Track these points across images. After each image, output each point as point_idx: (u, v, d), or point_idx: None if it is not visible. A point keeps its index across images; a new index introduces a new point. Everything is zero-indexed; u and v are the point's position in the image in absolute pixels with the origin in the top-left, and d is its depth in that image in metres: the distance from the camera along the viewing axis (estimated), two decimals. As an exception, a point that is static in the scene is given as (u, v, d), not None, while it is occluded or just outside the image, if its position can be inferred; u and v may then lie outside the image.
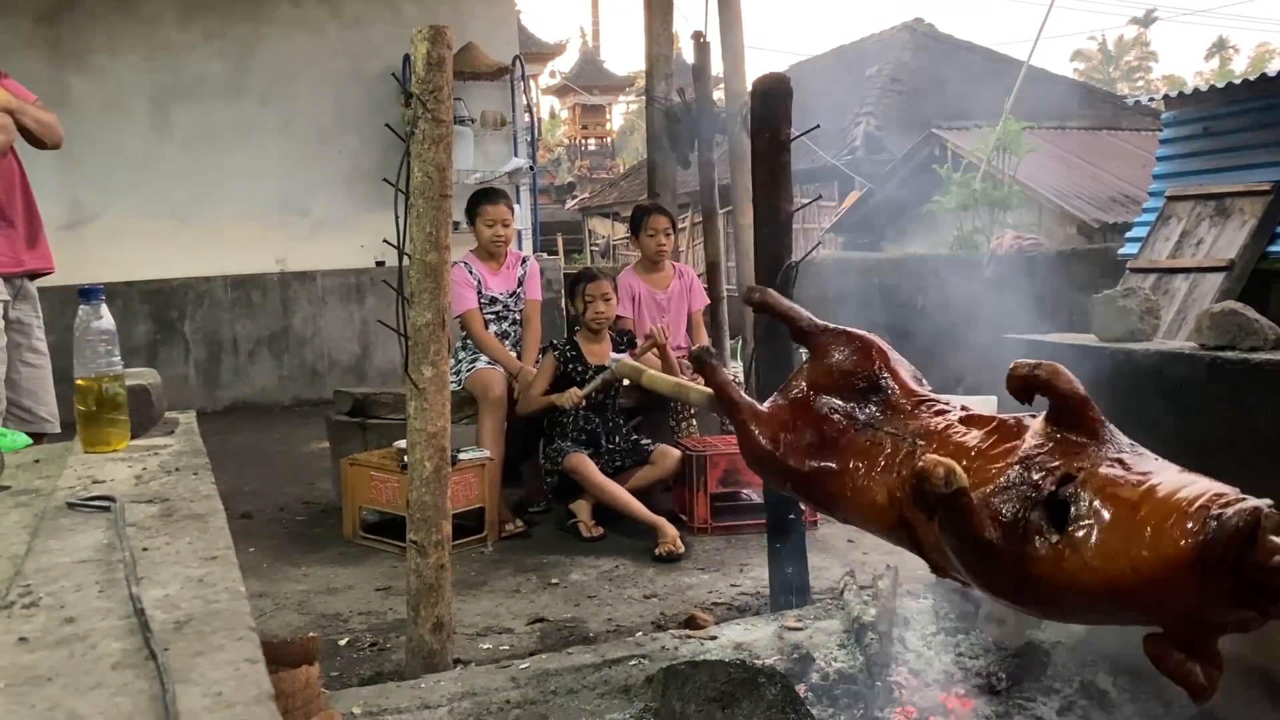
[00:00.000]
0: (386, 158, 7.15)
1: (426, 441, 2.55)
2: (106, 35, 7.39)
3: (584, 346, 4.32)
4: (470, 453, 4.06)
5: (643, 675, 2.39)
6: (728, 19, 5.26)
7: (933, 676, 2.46)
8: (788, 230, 2.89)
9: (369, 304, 7.97)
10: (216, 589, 1.11)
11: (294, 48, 7.85)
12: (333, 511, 4.40)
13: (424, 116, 2.44)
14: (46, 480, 1.73)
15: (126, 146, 7.43)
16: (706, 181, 5.76)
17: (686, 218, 13.72)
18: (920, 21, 18.28)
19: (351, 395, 4.72)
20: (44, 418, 3.28)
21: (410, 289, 2.52)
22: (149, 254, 7.46)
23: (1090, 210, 10.58)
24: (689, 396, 3.28)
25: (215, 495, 1.55)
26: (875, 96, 15.71)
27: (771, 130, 2.83)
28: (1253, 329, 2.52)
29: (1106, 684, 2.38)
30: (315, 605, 3.34)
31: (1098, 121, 14.43)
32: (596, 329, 4.33)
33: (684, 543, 3.85)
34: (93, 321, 1.84)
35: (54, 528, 1.38)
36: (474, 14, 8.14)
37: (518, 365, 4.41)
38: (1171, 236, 6.49)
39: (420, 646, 2.55)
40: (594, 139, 37.45)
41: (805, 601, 2.95)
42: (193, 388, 7.51)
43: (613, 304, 4.34)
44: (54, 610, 1.05)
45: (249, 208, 7.77)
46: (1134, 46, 43.32)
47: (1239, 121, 6.61)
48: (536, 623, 3.15)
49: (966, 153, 10.06)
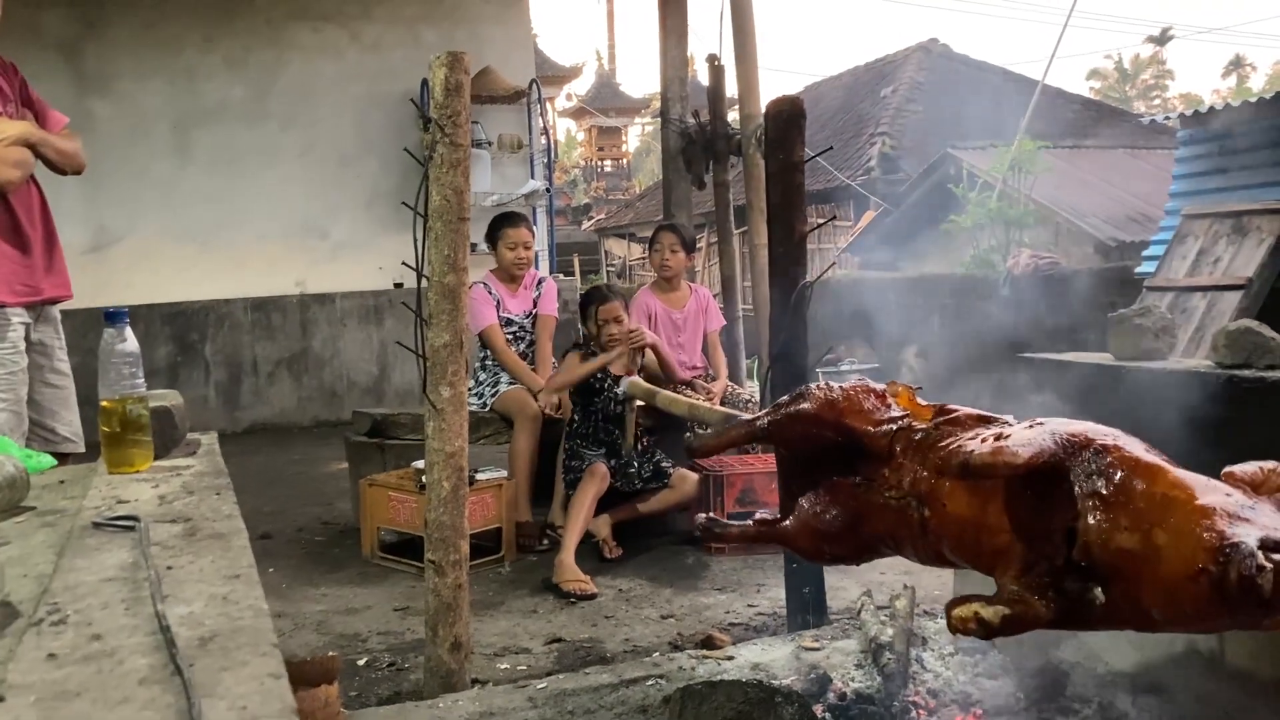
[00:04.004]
0: (405, 181, 7.23)
1: (444, 462, 2.57)
2: (130, 61, 7.50)
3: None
4: (488, 473, 4.08)
5: (660, 695, 2.40)
6: (742, 42, 5.30)
7: (950, 697, 2.45)
8: (802, 250, 2.91)
9: (387, 325, 8.03)
10: (240, 606, 1.13)
11: (315, 73, 7.95)
12: (351, 532, 4.42)
13: (442, 141, 2.48)
14: (72, 500, 1.76)
15: (150, 171, 7.53)
16: (721, 202, 5.79)
17: (702, 238, 13.76)
18: (935, 42, 18.30)
19: (370, 416, 4.75)
20: (67, 437, 3.31)
21: (428, 311, 2.55)
22: (171, 277, 7.55)
23: (1107, 229, 10.55)
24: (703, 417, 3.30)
25: (237, 515, 1.57)
26: (890, 116, 15.73)
27: (785, 152, 2.86)
28: (1269, 347, 2.52)
29: (1126, 704, 2.37)
30: (334, 625, 3.36)
31: (1114, 140, 14.39)
32: (610, 350, 4.35)
33: (702, 562, 3.84)
34: (117, 344, 1.87)
35: (80, 547, 1.40)
36: (491, 38, 8.22)
37: (539, 383, 4.44)
38: (1189, 255, 6.47)
39: (438, 666, 2.56)
40: (610, 160, 37.67)
41: (822, 621, 2.95)
42: (213, 409, 7.57)
43: (625, 324, 4.36)
44: (81, 627, 1.08)
45: (270, 231, 7.85)
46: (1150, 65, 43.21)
47: (1255, 140, 6.60)
48: (554, 643, 3.15)
49: (982, 172, 10.05)
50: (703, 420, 3.58)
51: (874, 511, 1.78)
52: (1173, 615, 1.36)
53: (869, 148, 14.95)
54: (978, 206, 8.75)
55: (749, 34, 5.34)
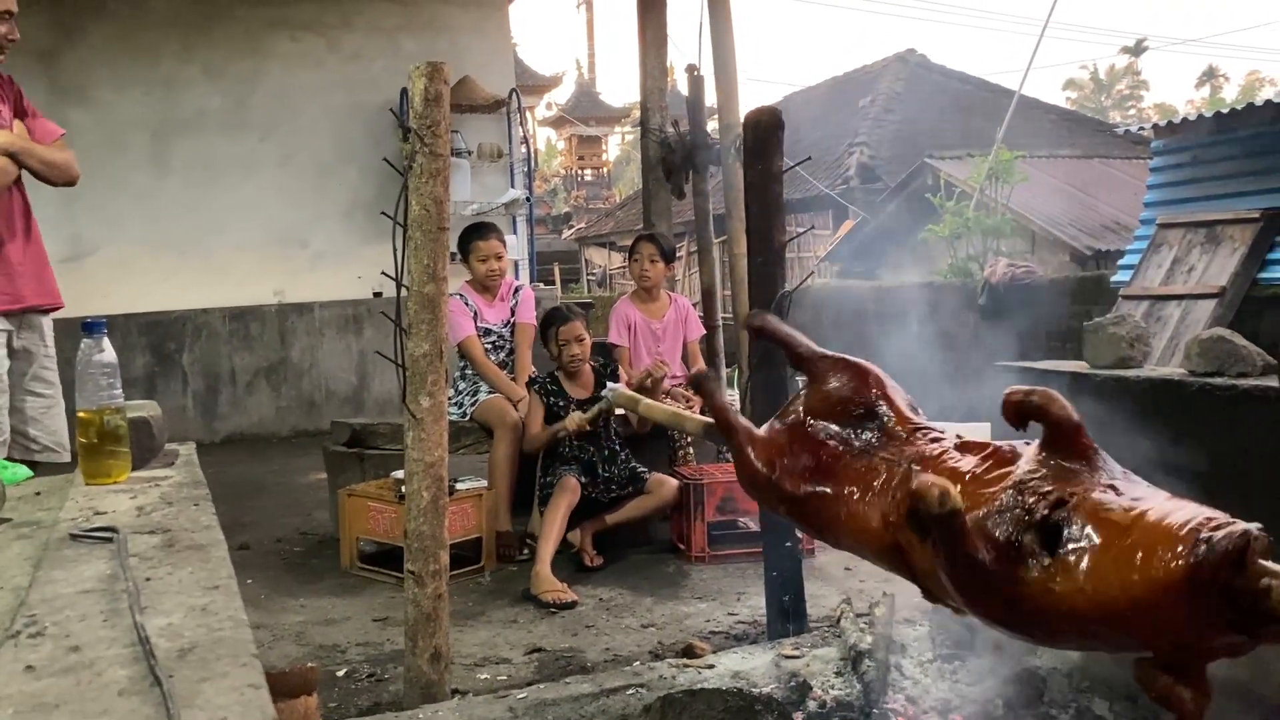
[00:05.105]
0: (385, 190, 7.22)
1: (424, 471, 2.56)
2: (107, 70, 7.46)
3: (564, 382, 4.32)
4: (468, 482, 4.07)
5: (640, 705, 2.40)
6: (721, 52, 5.33)
7: (929, 704, 2.46)
8: (781, 260, 2.93)
9: (367, 335, 8.00)
10: (219, 617, 1.13)
11: (294, 82, 7.93)
12: (330, 542, 4.40)
13: (421, 151, 2.48)
14: (48, 512, 1.75)
15: (127, 180, 7.48)
16: (701, 211, 5.81)
17: (683, 247, 13.79)
18: (913, 52, 18.45)
19: (349, 426, 4.73)
20: (49, 446, 3.29)
21: (408, 320, 2.55)
22: (149, 286, 7.50)
23: (1083, 238, 10.65)
24: (685, 425, 3.31)
25: (216, 526, 1.57)
26: (869, 127, 15.83)
27: (763, 162, 2.87)
28: (1241, 355, 2.55)
29: (1103, 709, 2.39)
30: (313, 636, 3.34)
31: (1090, 150, 14.54)
32: (574, 371, 4.32)
33: (683, 571, 3.84)
34: (94, 354, 1.86)
35: (57, 559, 1.40)
36: (471, 48, 8.23)
37: (519, 392, 4.44)
38: (1163, 264, 6.54)
39: (418, 677, 2.55)
40: (590, 170, 37.71)
41: (802, 629, 2.96)
42: (191, 419, 7.52)
43: (586, 344, 4.32)
44: (59, 639, 1.07)
45: (248, 240, 7.82)
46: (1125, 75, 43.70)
47: (1228, 150, 6.67)
48: (534, 653, 3.15)
49: (959, 182, 10.14)
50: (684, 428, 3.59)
51: (846, 471, 1.82)
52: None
53: (848, 157, 15.04)
54: (955, 216, 8.81)
55: (728, 44, 5.36)
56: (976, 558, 1.48)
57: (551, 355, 4.36)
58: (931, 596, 1.69)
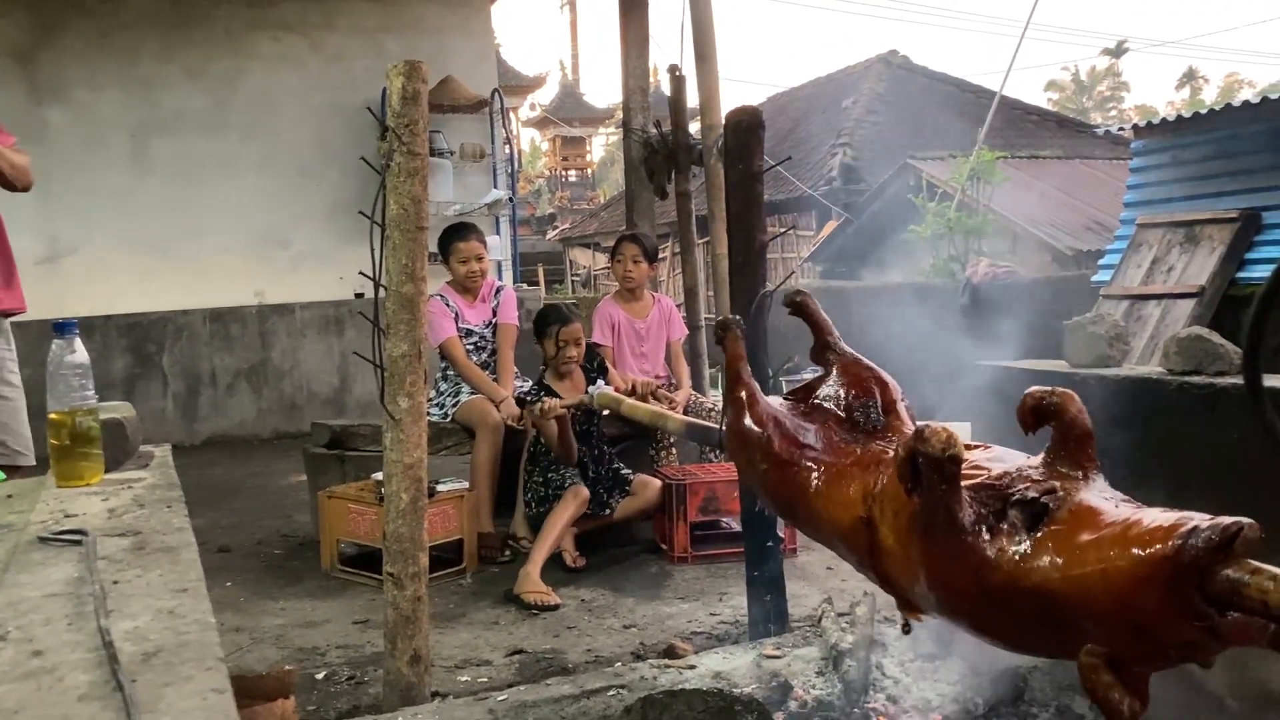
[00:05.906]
0: (366, 191, 7.08)
1: (403, 473, 2.54)
2: (85, 71, 7.39)
3: (554, 385, 4.21)
4: (449, 484, 4.05)
5: (621, 706, 2.38)
6: (703, 52, 5.33)
7: (910, 703, 2.46)
8: (762, 260, 2.92)
9: (348, 336, 7.96)
10: (186, 620, 1.11)
11: (275, 83, 7.88)
12: (310, 544, 4.37)
13: (399, 149, 2.46)
14: (19, 515, 1.72)
15: (106, 181, 7.42)
16: (684, 212, 5.80)
17: (666, 247, 13.79)
18: (895, 54, 18.49)
19: (329, 428, 4.71)
20: (17, 450, 3.26)
21: (386, 320, 2.53)
22: (128, 287, 7.44)
23: (1064, 238, 10.70)
24: (668, 425, 3.31)
25: (188, 528, 1.55)
26: (851, 127, 15.86)
27: (744, 162, 2.87)
28: (1219, 354, 2.56)
29: (1083, 708, 2.39)
30: (293, 639, 3.32)
31: (1071, 150, 14.62)
32: (566, 372, 4.24)
33: (665, 572, 3.83)
34: (66, 355, 1.84)
35: (25, 562, 1.38)
36: (454, 48, 8.20)
37: (501, 394, 4.41)
38: (1143, 264, 6.58)
39: (398, 679, 2.53)
40: (574, 170, 37.68)
41: (784, 629, 2.95)
42: (171, 421, 7.47)
43: (583, 347, 4.27)
44: (22, 644, 1.05)
45: (229, 241, 7.76)
46: (1106, 77, 43.97)
47: (1206, 150, 6.72)
48: (515, 654, 3.13)
49: (941, 182, 10.17)
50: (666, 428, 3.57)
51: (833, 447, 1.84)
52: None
53: (830, 158, 15.06)
54: (937, 216, 8.85)
55: (710, 45, 5.36)
56: (958, 514, 1.47)
57: (547, 354, 4.23)
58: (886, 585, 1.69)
